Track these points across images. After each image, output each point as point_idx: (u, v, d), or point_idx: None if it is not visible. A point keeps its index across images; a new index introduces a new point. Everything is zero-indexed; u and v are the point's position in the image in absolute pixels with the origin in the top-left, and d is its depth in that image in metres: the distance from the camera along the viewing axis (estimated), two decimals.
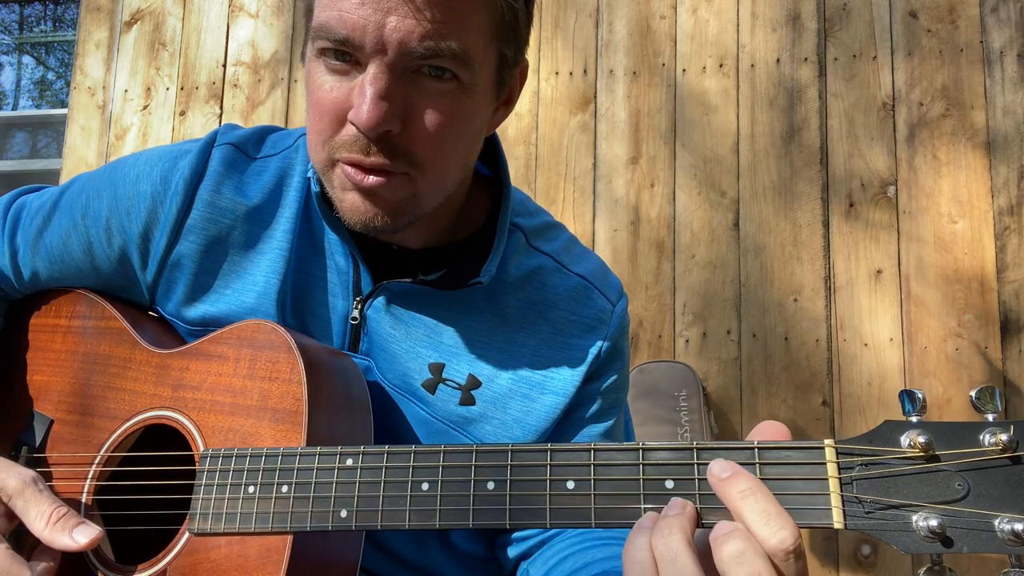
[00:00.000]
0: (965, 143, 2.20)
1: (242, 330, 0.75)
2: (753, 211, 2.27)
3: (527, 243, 0.86)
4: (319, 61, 0.69)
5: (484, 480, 0.57)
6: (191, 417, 0.74)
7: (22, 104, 3.49)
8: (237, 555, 0.66)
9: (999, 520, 0.47)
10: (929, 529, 0.47)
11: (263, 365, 0.72)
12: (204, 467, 0.67)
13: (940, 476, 0.49)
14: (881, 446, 0.50)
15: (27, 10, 3.46)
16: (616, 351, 0.86)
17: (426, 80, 0.67)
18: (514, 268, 0.84)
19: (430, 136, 0.69)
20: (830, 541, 2.09)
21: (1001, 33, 2.22)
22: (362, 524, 0.59)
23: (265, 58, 2.60)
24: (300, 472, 0.62)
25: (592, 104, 2.40)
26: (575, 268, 0.86)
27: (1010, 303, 2.12)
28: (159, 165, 0.81)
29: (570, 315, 0.83)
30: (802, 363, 2.18)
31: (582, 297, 0.85)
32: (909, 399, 0.51)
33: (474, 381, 0.81)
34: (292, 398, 0.69)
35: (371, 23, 0.63)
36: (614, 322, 0.85)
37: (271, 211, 0.82)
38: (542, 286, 0.84)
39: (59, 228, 0.85)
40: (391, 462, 0.60)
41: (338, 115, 0.68)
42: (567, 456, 0.55)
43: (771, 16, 2.35)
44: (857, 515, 0.49)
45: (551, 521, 0.54)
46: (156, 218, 0.81)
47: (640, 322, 2.27)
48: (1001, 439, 0.47)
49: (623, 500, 0.53)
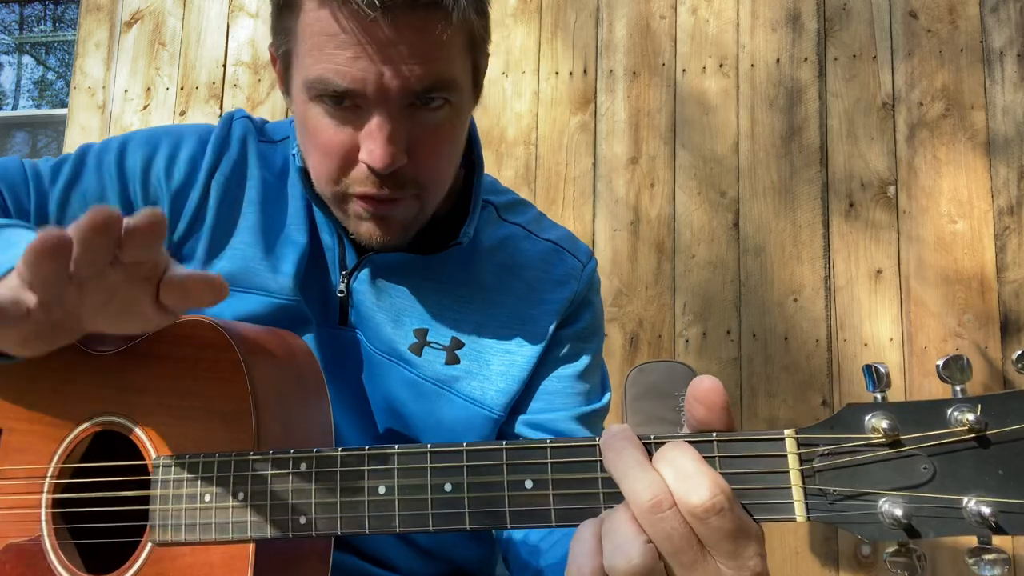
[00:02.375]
0: (965, 143, 2.19)
1: (180, 328, 0.73)
2: (753, 211, 2.27)
3: (498, 216, 0.92)
4: (315, 105, 0.73)
5: (441, 483, 0.55)
6: (139, 422, 0.71)
7: (22, 104, 3.49)
8: (202, 563, 0.65)
9: (966, 501, 0.45)
10: (894, 517, 0.46)
11: (205, 365, 0.69)
12: (158, 476, 0.66)
13: (905, 461, 0.47)
14: (843, 433, 0.48)
15: (27, 10, 3.46)
16: (587, 302, 0.91)
17: (421, 112, 0.73)
18: (487, 238, 0.90)
19: (432, 160, 0.76)
20: (830, 541, 2.09)
21: (1001, 33, 2.22)
22: (322, 531, 0.58)
23: (265, 58, 2.60)
24: (254, 479, 0.61)
25: (592, 104, 2.40)
26: (545, 235, 0.92)
27: (1010, 303, 2.12)
28: (194, 135, 0.88)
29: (542, 274, 0.89)
30: (802, 363, 2.18)
31: (553, 258, 0.90)
32: (872, 375, 0.49)
33: (457, 342, 0.85)
34: (238, 399, 0.67)
35: (370, 74, 0.68)
36: (584, 278, 0.90)
37: (282, 187, 0.88)
38: (515, 250, 0.90)
39: (93, 180, 0.87)
40: (345, 466, 0.58)
41: (346, 156, 0.73)
42: (523, 455, 0.54)
43: (771, 16, 2.35)
44: (820, 507, 0.47)
45: (511, 523, 0.53)
46: (193, 178, 0.86)
47: (640, 322, 2.27)
48: (968, 418, 0.45)
49: (584, 499, 0.52)
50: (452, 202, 0.90)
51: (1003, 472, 0.45)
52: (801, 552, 2.10)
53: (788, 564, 2.10)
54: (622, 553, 0.45)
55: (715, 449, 0.50)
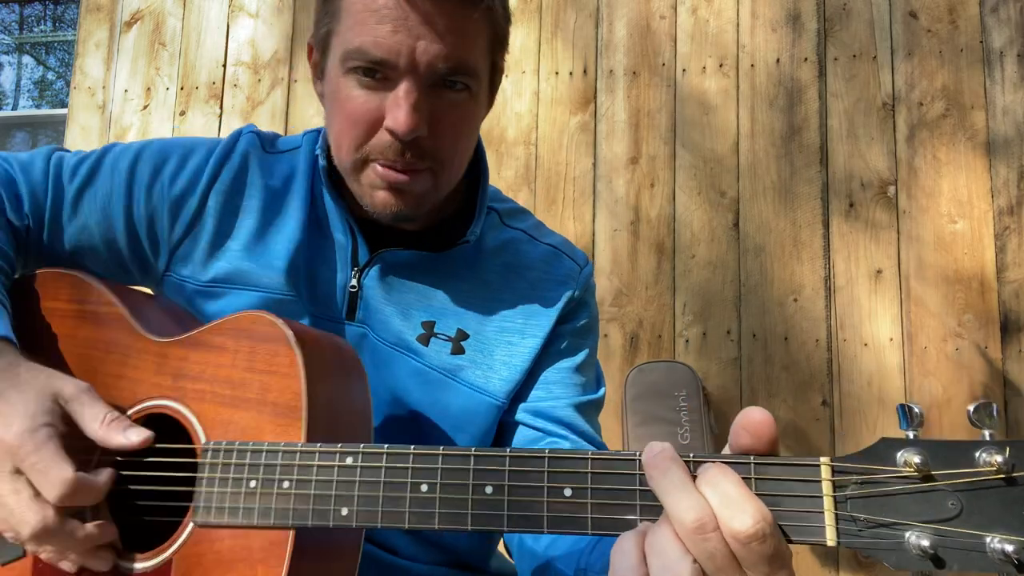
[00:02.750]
0: (965, 143, 2.20)
1: (239, 321, 0.76)
2: (753, 211, 2.27)
3: (501, 221, 0.99)
4: (348, 77, 0.80)
5: (483, 484, 0.57)
6: (191, 407, 0.74)
7: (22, 104, 3.49)
8: (241, 547, 0.66)
9: (990, 539, 0.47)
10: (920, 548, 0.48)
11: (262, 358, 0.73)
12: (206, 460, 0.68)
13: (934, 495, 0.49)
14: (877, 464, 0.50)
15: (27, 10, 3.46)
16: (584, 303, 0.97)
17: (445, 92, 0.80)
18: (491, 240, 0.97)
19: (450, 138, 0.82)
20: None
21: (1001, 33, 2.22)
22: (363, 523, 0.60)
23: (265, 58, 2.60)
24: (300, 469, 0.64)
25: (592, 104, 2.40)
26: (545, 240, 1.00)
27: (1010, 303, 2.12)
28: (202, 148, 0.95)
29: (543, 275, 0.96)
30: (802, 363, 2.18)
31: (553, 260, 0.97)
32: (906, 415, 0.51)
33: (462, 333, 0.91)
34: (291, 392, 0.70)
35: (404, 47, 0.76)
36: (581, 280, 0.97)
37: (284, 195, 0.94)
38: (517, 252, 0.97)
39: (105, 183, 0.93)
40: (390, 462, 0.61)
41: (371, 123, 0.80)
42: (564, 463, 0.56)
43: (771, 16, 2.35)
44: (850, 532, 0.50)
45: (548, 528, 0.55)
46: (193, 188, 0.92)
47: (640, 322, 2.27)
48: (996, 460, 0.48)
49: (619, 510, 0.54)
50: (459, 205, 0.96)
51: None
52: (801, 552, 2.10)
53: None
54: (671, 571, 0.48)
55: (752, 471, 0.52)
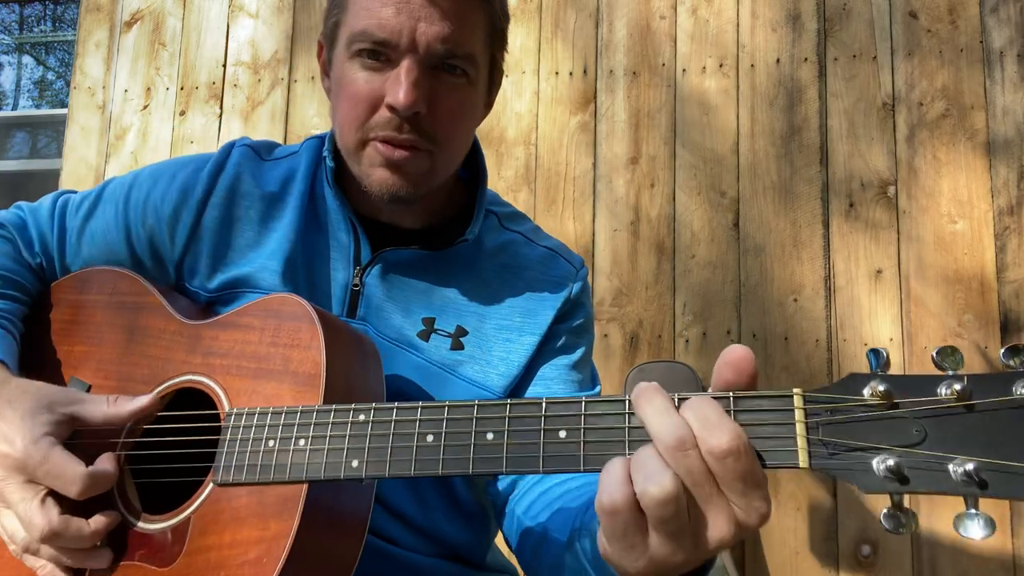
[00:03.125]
0: (965, 143, 2.20)
1: (268, 303, 0.82)
2: (753, 211, 2.27)
3: (500, 224, 1.02)
4: (353, 61, 0.84)
5: (484, 431, 0.61)
6: (218, 381, 0.80)
7: (22, 104, 3.49)
8: (256, 503, 0.71)
9: (953, 463, 0.50)
10: (887, 468, 0.51)
11: (287, 333, 0.78)
12: (229, 424, 0.73)
13: (899, 422, 0.52)
14: (846, 395, 0.53)
15: (27, 10, 3.46)
16: (579, 303, 0.99)
17: (445, 75, 0.84)
18: (490, 242, 0.99)
19: (448, 119, 0.85)
20: (830, 541, 2.09)
21: (1001, 33, 2.23)
22: (372, 473, 0.64)
23: (265, 58, 2.60)
24: (316, 427, 0.68)
25: (592, 104, 2.40)
26: (542, 243, 1.02)
27: (1010, 303, 2.12)
28: (193, 164, 0.98)
29: (540, 275, 0.98)
30: (802, 363, 2.18)
31: (550, 262, 1.00)
32: (875, 356, 0.54)
33: (462, 330, 0.93)
34: (312, 362, 0.75)
35: (406, 28, 0.81)
36: (577, 282, 0.99)
37: (282, 197, 0.97)
38: (515, 254, 0.99)
39: (103, 216, 0.98)
40: (399, 416, 0.65)
41: (373, 102, 0.83)
42: (560, 408, 0.60)
43: (771, 16, 2.35)
44: (821, 456, 0.53)
45: (544, 467, 0.59)
46: (185, 201, 0.95)
47: (640, 322, 2.27)
48: (956, 388, 0.51)
49: (610, 447, 0.58)
50: (459, 208, 0.99)
51: (986, 438, 0.50)
52: (801, 552, 2.10)
53: (788, 564, 2.10)
54: (655, 481, 0.51)
55: (732, 404, 0.55)
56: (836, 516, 2.10)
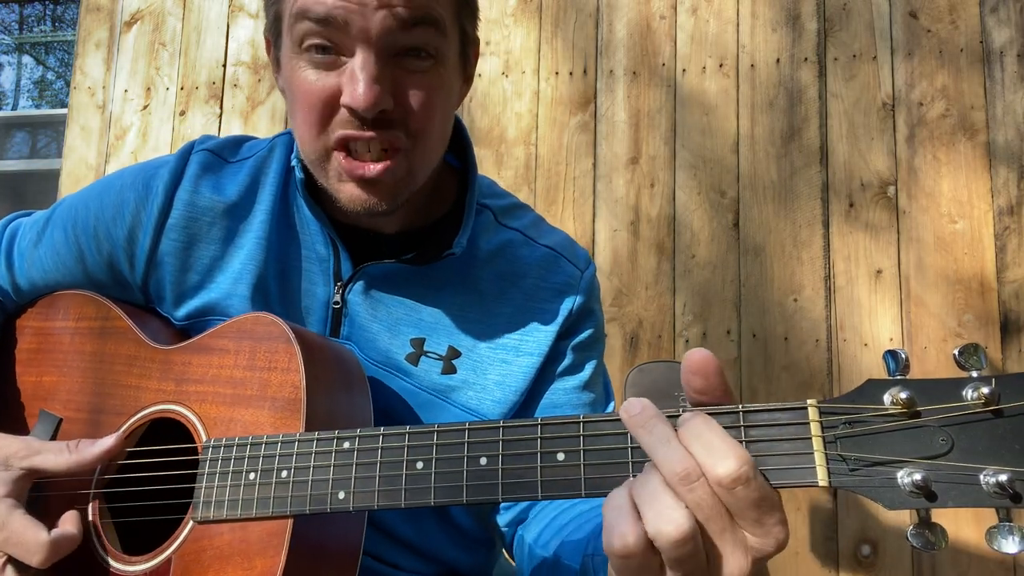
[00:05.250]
0: (965, 143, 2.19)
1: (242, 323, 0.77)
2: (753, 211, 2.27)
3: (496, 220, 0.91)
4: (300, 58, 0.72)
5: (477, 456, 0.57)
6: (194, 409, 0.75)
7: (22, 104, 3.49)
8: (239, 540, 0.67)
9: (984, 473, 0.46)
10: (914, 484, 0.47)
11: (263, 356, 0.73)
12: (207, 456, 0.69)
13: (923, 432, 0.48)
14: (864, 404, 0.49)
15: (27, 10, 3.46)
16: (587, 310, 0.89)
17: (409, 60, 0.72)
18: (484, 243, 0.88)
19: (420, 110, 0.73)
20: (830, 542, 2.09)
21: (1001, 33, 2.22)
22: (360, 505, 0.60)
23: (265, 58, 2.60)
24: (299, 457, 0.64)
25: (592, 104, 2.40)
26: (543, 240, 0.91)
27: (1010, 303, 2.12)
28: (142, 175, 0.86)
29: (540, 282, 0.88)
30: (802, 363, 2.18)
31: (551, 265, 0.89)
32: (892, 358, 0.50)
33: (454, 351, 0.84)
34: (291, 386, 0.70)
35: (352, 2, 0.68)
36: (583, 286, 0.89)
37: (248, 206, 0.86)
38: (512, 258, 0.88)
39: (51, 241, 0.89)
40: (386, 443, 0.61)
41: (328, 103, 0.72)
42: (557, 429, 0.56)
43: (771, 16, 2.35)
44: (841, 472, 0.49)
45: (543, 493, 0.55)
46: (139, 221, 0.85)
47: (640, 322, 2.27)
48: (983, 392, 0.46)
49: (613, 469, 0.54)
50: (446, 208, 0.89)
51: (1019, 446, 0.46)
52: (801, 552, 2.10)
53: (788, 564, 2.10)
54: (668, 519, 0.47)
55: (740, 419, 0.51)
56: (836, 516, 2.10)
